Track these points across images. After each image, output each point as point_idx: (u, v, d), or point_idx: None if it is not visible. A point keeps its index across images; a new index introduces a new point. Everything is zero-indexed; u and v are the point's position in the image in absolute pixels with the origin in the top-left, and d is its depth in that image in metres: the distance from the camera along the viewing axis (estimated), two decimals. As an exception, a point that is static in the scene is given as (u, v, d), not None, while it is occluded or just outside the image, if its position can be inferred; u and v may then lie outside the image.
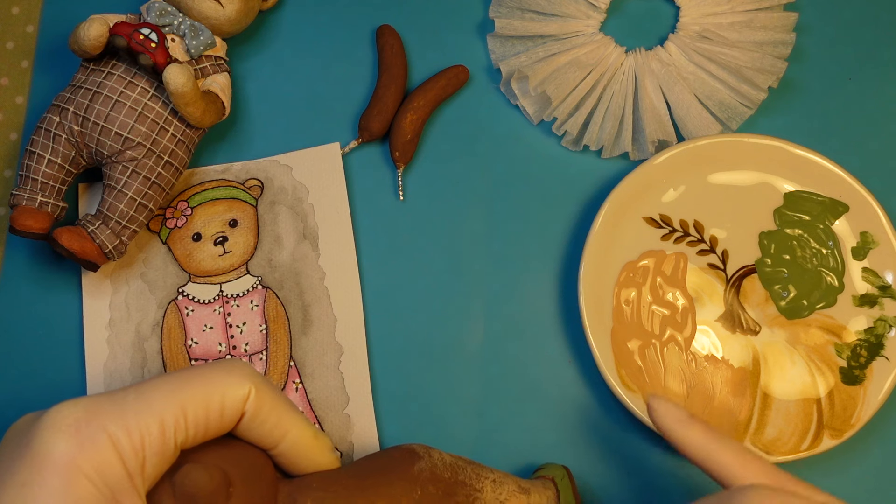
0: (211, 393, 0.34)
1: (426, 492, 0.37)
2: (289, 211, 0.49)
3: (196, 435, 0.33)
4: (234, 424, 0.35)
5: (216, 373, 0.34)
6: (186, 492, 0.32)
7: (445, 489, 0.38)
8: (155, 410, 0.32)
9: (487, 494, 0.39)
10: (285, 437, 0.36)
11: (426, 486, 0.37)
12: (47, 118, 0.45)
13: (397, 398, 0.47)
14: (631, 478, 0.46)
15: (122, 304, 0.47)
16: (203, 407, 0.33)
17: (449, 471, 0.39)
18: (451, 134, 0.51)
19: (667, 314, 0.47)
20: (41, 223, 0.44)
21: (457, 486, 0.38)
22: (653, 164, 0.47)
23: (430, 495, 0.37)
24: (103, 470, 0.31)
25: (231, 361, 0.36)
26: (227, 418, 0.34)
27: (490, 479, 0.40)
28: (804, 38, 0.52)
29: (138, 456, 0.32)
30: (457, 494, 0.38)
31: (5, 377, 0.47)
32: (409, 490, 0.37)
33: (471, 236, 0.49)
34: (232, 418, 0.34)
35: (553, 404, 0.47)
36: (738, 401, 0.46)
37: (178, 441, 0.33)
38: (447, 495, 0.37)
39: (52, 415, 0.31)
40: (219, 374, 0.34)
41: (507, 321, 0.48)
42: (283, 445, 0.36)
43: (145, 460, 0.32)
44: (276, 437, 0.36)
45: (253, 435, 0.35)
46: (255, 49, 0.52)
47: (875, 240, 0.47)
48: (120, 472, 0.31)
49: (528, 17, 0.50)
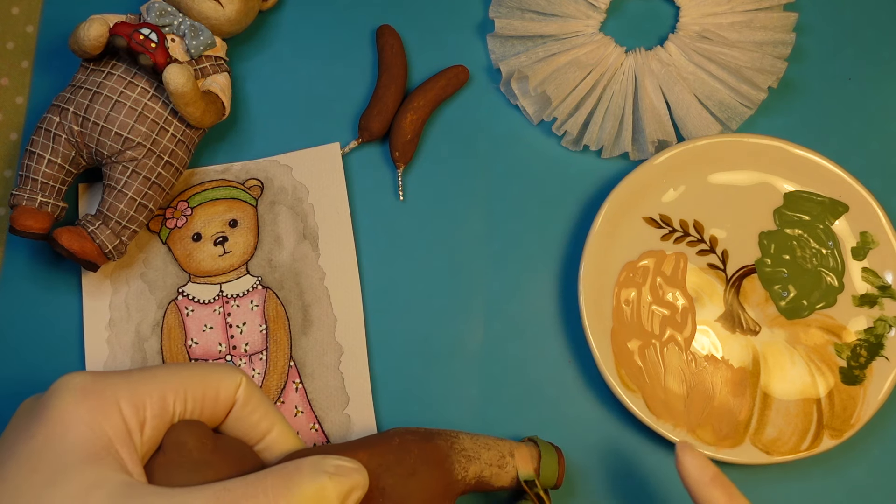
0: (208, 378, 0.36)
1: (404, 439, 0.39)
2: (289, 211, 0.49)
3: (193, 411, 0.36)
4: (227, 410, 0.37)
5: (212, 366, 0.37)
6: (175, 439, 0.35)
7: (423, 436, 0.40)
8: (157, 382, 0.35)
9: (464, 439, 0.41)
10: (272, 430, 0.38)
11: (404, 435, 0.39)
12: (47, 118, 0.45)
13: (397, 398, 0.47)
14: (630, 477, 0.46)
15: (122, 305, 0.47)
16: (201, 387, 0.36)
17: (423, 429, 0.41)
18: (451, 134, 0.51)
19: (667, 314, 0.47)
20: (41, 223, 0.44)
21: (433, 434, 0.40)
22: (653, 164, 0.47)
23: (409, 441, 0.39)
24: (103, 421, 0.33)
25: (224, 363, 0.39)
26: (222, 402, 0.37)
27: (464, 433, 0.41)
28: (804, 38, 0.52)
29: (139, 415, 0.34)
30: (434, 439, 0.40)
31: (5, 377, 0.47)
32: (388, 440, 0.39)
33: (471, 236, 0.49)
34: (226, 402, 0.37)
35: (553, 404, 0.47)
36: (738, 401, 0.46)
37: (178, 411, 0.35)
38: (425, 440, 0.39)
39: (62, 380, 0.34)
40: (214, 366, 0.37)
41: (507, 321, 0.48)
42: (268, 439, 0.38)
43: (145, 421, 0.34)
44: (263, 429, 0.38)
45: (243, 425, 0.37)
46: (255, 49, 0.52)
47: (875, 240, 0.47)
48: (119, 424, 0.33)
49: (528, 17, 0.50)
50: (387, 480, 0.37)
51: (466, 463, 0.40)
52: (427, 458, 0.38)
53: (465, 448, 0.40)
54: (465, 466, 0.39)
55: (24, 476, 0.32)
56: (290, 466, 0.34)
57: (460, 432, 0.41)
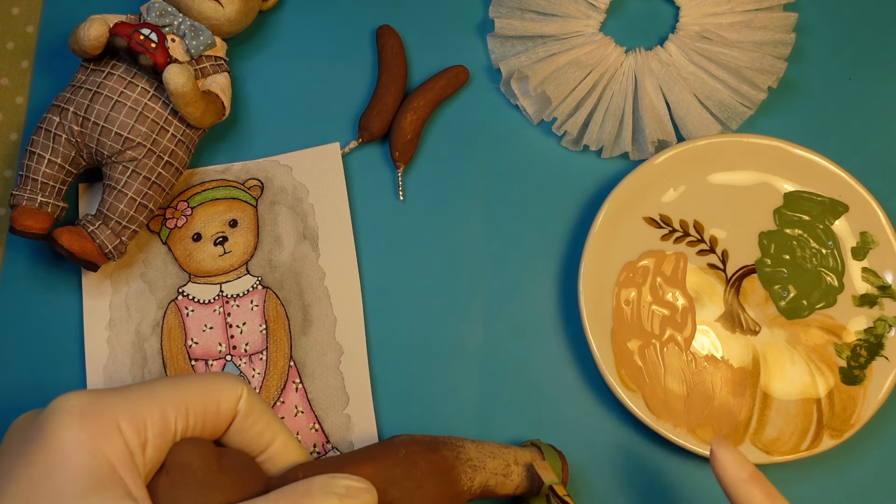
0: (208, 390, 0.35)
1: (410, 450, 0.38)
2: (289, 211, 0.49)
3: (195, 425, 0.35)
4: (228, 422, 0.36)
5: (212, 377, 0.36)
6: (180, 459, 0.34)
7: (428, 446, 0.39)
8: (157, 399, 0.34)
9: (469, 449, 0.40)
10: (274, 441, 0.37)
11: (409, 446, 0.39)
12: (47, 118, 0.45)
13: (397, 398, 0.47)
14: (631, 477, 0.46)
15: (122, 305, 0.47)
16: (202, 401, 0.35)
17: (428, 437, 0.40)
18: (450, 134, 0.51)
19: (667, 314, 0.47)
20: (41, 223, 0.44)
21: (439, 444, 0.40)
22: (653, 164, 0.47)
23: (415, 452, 0.38)
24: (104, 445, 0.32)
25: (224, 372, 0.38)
26: (223, 415, 0.36)
27: (469, 440, 0.41)
28: (804, 38, 0.52)
29: (140, 436, 0.33)
30: (440, 450, 0.39)
31: (5, 377, 0.47)
32: (394, 451, 0.38)
33: (471, 236, 0.49)
34: (227, 415, 0.36)
35: (553, 404, 0.47)
36: (738, 401, 0.46)
37: (179, 428, 0.34)
38: (431, 451, 0.39)
39: (59, 402, 0.33)
40: (214, 377, 0.36)
41: (508, 321, 0.48)
42: (271, 450, 0.37)
43: (147, 442, 0.33)
44: (265, 440, 0.37)
45: (245, 437, 0.37)
46: (255, 49, 0.52)
47: (875, 240, 0.47)
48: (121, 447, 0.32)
49: (528, 17, 0.50)
50: (394, 494, 0.37)
51: (472, 473, 0.39)
52: (434, 470, 0.38)
53: (470, 458, 0.40)
54: (471, 477, 0.39)
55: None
56: (300, 489, 0.33)
57: (465, 440, 0.41)
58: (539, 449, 0.43)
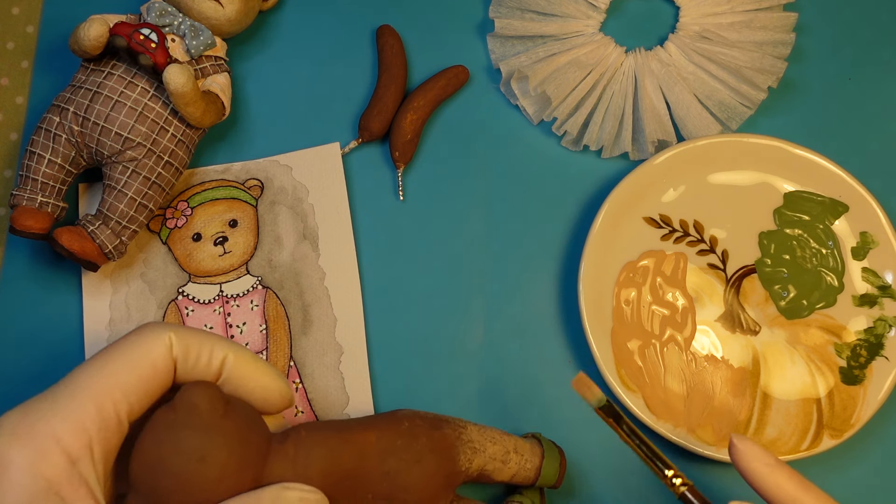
0: (136, 359, 0.34)
1: (413, 423, 0.39)
2: (289, 211, 0.49)
3: (140, 401, 0.34)
4: (172, 375, 0.36)
5: (132, 339, 0.35)
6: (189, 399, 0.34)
7: (431, 423, 0.40)
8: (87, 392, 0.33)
9: (472, 431, 0.41)
10: (224, 363, 0.36)
11: (413, 419, 0.39)
12: (47, 118, 0.45)
13: (397, 398, 0.47)
14: (632, 477, 0.46)
15: (122, 304, 0.47)
16: (134, 373, 0.34)
17: (432, 414, 0.41)
18: (450, 134, 0.51)
19: (667, 314, 0.47)
20: (41, 223, 0.44)
21: (442, 422, 0.40)
22: (653, 164, 0.47)
23: (418, 427, 0.39)
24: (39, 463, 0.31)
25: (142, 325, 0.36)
26: (163, 372, 0.35)
27: (472, 423, 0.42)
28: (804, 38, 0.52)
29: (81, 438, 0.32)
30: (443, 427, 0.40)
31: (5, 377, 0.47)
32: (397, 423, 0.39)
33: (471, 236, 0.49)
34: (167, 370, 0.35)
35: (553, 404, 0.47)
36: (738, 401, 0.46)
37: (122, 412, 0.34)
38: (433, 427, 0.39)
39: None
40: (135, 339, 0.35)
41: (507, 321, 0.48)
42: (226, 373, 0.37)
43: (92, 439, 0.32)
44: (215, 367, 0.36)
45: (195, 375, 0.36)
46: (255, 49, 0.52)
47: (875, 240, 0.47)
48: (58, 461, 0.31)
49: (528, 17, 0.50)
50: (392, 464, 0.37)
51: (472, 455, 0.40)
52: (434, 447, 0.39)
53: (472, 440, 0.40)
54: (470, 458, 0.40)
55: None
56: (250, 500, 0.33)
57: (468, 422, 0.41)
58: (539, 442, 0.43)
